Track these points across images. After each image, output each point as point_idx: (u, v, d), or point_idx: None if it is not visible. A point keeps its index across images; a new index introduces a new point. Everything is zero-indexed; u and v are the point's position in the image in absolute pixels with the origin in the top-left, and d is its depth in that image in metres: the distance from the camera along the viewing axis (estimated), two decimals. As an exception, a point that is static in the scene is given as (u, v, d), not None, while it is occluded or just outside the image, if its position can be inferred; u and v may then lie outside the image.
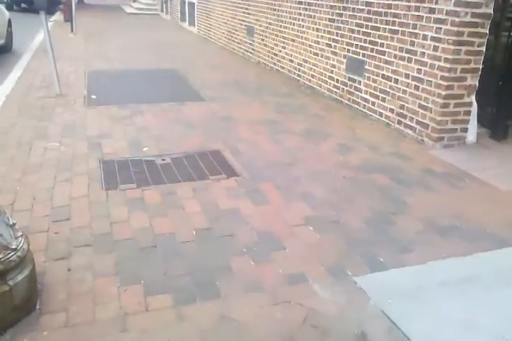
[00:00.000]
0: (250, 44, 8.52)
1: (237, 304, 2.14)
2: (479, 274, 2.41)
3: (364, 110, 5.15)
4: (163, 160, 3.76)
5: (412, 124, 4.42)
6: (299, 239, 2.69)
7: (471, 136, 4.22)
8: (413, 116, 4.40)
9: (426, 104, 4.22)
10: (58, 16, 15.15)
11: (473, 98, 4.11)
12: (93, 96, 5.52)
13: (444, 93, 4.02)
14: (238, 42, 9.15)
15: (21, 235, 2.01)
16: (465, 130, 4.20)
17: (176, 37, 11.76)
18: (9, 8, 13.22)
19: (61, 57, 7.23)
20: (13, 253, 1.90)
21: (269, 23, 7.59)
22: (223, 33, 10.05)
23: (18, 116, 4.73)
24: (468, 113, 4.14)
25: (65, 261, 2.39)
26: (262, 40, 7.94)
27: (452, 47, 3.91)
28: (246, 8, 8.55)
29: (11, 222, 2.01)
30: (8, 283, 1.88)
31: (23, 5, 18.35)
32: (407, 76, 4.45)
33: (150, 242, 2.59)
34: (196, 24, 12.38)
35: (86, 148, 3.94)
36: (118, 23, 14.70)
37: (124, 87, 6.21)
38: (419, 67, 4.27)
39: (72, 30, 11.01)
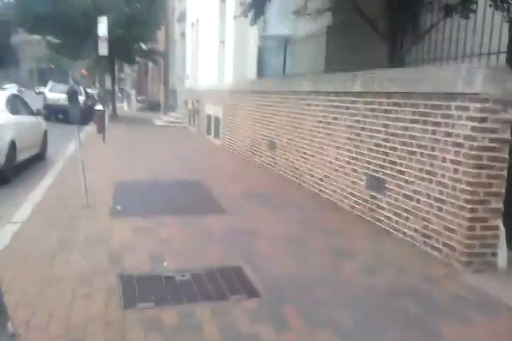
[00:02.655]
0: (272, 158, 8.82)
1: None
2: None
3: (387, 228, 5.09)
4: (182, 276, 3.70)
5: (438, 246, 4.31)
6: (325, 373, 2.51)
7: (502, 260, 4.05)
8: (439, 238, 4.31)
9: (451, 226, 4.15)
10: (92, 127, 16.13)
11: (499, 221, 4.05)
12: (118, 207, 5.64)
13: (468, 216, 3.97)
14: (260, 156, 9.50)
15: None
16: (495, 254, 4.06)
17: (201, 149, 12.30)
18: (47, 118, 14.13)
19: (91, 166, 7.53)
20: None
21: (291, 139, 7.92)
22: (246, 146, 10.49)
23: (44, 226, 4.82)
24: (496, 236, 4.04)
25: None
26: (284, 154, 8.23)
27: (472, 170, 3.93)
28: (268, 125, 9.00)
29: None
30: None
31: (60, 116, 19.71)
32: (428, 196, 4.44)
33: (165, 372, 2.45)
34: (221, 137, 13.01)
35: (106, 262, 3.92)
36: (147, 134, 15.56)
37: (148, 197, 6.37)
38: (441, 189, 4.27)
39: (103, 141, 11.64)
